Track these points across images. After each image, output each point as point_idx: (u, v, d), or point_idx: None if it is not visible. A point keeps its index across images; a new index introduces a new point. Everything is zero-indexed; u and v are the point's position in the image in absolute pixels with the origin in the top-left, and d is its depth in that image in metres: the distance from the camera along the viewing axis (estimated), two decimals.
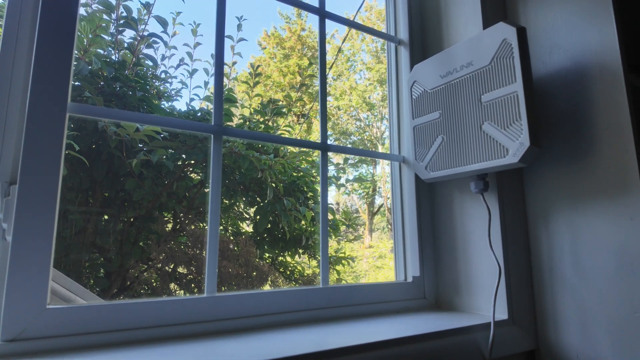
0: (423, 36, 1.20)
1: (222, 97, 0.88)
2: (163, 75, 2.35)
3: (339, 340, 0.72)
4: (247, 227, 2.53)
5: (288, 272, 2.63)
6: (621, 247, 0.81)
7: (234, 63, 2.50)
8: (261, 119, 2.41)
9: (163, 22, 2.21)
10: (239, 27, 2.42)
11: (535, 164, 0.98)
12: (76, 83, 1.77)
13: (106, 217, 2.00)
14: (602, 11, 0.87)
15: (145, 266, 2.11)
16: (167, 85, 2.33)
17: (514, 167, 0.83)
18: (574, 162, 0.90)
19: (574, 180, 0.90)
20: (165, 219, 2.16)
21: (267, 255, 2.50)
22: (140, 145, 1.89)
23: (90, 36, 1.84)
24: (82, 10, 1.95)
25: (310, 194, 2.41)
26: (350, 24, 1.13)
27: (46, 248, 0.64)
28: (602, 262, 0.84)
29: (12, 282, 0.61)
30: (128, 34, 2.15)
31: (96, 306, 0.68)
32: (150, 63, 2.22)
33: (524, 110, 0.79)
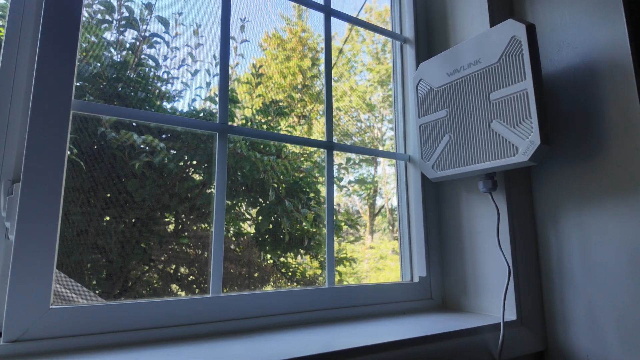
0: (429, 34, 1.19)
1: (227, 96, 0.87)
2: (165, 76, 2.34)
3: (346, 341, 0.70)
4: (248, 228, 2.52)
5: (290, 273, 2.61)
6: (631, 247, 0.80)
7: (237, 64, 2.49)
8: (263, 120, 2.40)
9: (165, 22, 2.20)
10: (242, 28, 2.41)
11: (544, 163, 0.97)
12: (77, 84, 1.76)
13: (108, 218, 1.99)
14: (611, 8, 0.86)
15: (147, 267, 2.10)
16: (169, 85, 2.32)
17: (523, 165, 0.82)
18: (583, 160, 0.89)
19: (583, 179, 0.89)
20: (167, 219, 2.14)
21: (269, 256, 2.49)
22: (142, 146, 1.88)
23: (90, 38, 1.83)
24: (83, 11, 1.95)
25: (312, 194, 2.40)
26: (356, 21, 1.12)
27: (50, 247, 0.63)
28: (612, 262, 0.83)
29: (15, 281, 0.60)
30: (130, 35, 2.14)
31: (101, 306, 0.67)
32: (152, 63, 2.21)
33: (534, 107, 0.78)
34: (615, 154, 0.84)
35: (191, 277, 2.21)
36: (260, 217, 2.29)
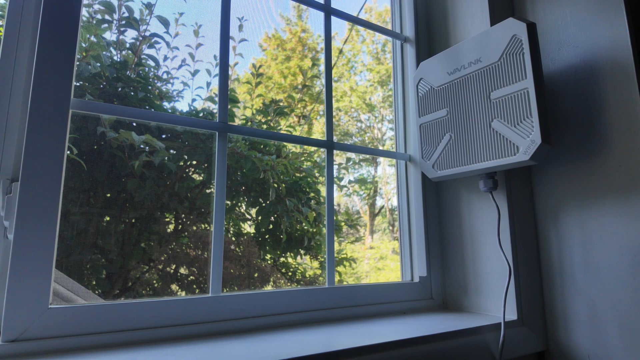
0: (429, 33, 1.19)
1: (227, 95, 0.87)
2: (165, 76, 2.33)
3: (346, 341, 0.70)
4: (248, 228, 2.52)
5: (290, 274, 2.61)
6: (633, 247, 0.80)
7: (236, 64, 2.49)
8: (263, 120, 2.40)
9: (165, 22, 2.19)
10: (240, 27, 2.41)
11: (545, 162, 0.96)
12: (77, 83, 1.76)
13: (107, 217, 1.98)
14: (612, 6, 0.86)
15: (147, 267, 2.09)
16: (169, 85, 2.32)
17: (524, 164, 0.82)
18: (585, 160, 0.89)
19: (584, 179, 0.89)
20: (167, 219, 2.14)
21: (269, 256, 2.48)
22: (141, 146, 1.87)
23: (90, 38, 1.83)
24: (83, 11, 1.94)
25: (312, 194, 2.39)
26: (356, 20, 1.12)
27: (49, 246, 0.63)
28: (614, 262, 0.83)
29: (13, 281, 0.60)
30: (130, 35, 2.14)
31: (100, 306, 0.67)
32: (152, 63, 2.21)
33: (535, 107, 0.78)
34: (616, 154, 0.83)
35: (191, 277, 2.20)
36: (260, 217, 2.29)
